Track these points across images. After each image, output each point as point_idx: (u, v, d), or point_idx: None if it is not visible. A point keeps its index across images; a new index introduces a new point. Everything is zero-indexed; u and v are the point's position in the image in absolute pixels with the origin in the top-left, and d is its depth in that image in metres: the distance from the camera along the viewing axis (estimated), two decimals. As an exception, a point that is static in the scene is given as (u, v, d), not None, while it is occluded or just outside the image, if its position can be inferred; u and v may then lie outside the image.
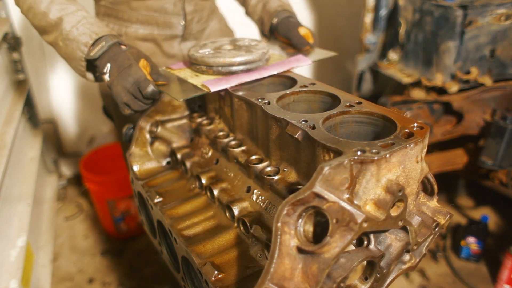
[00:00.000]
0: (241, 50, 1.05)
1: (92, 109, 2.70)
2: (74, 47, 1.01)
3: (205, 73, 1.04)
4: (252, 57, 1.01)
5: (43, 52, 2.43)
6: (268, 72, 1.02)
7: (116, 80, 0.96)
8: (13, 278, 1.44)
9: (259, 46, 1.08)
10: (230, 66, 1.00)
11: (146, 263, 2.21)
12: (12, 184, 1.79)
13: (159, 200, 0.96)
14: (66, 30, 1.01)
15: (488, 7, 1.73)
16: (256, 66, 1.03)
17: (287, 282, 0.57)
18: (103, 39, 1.00)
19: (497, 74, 1.85)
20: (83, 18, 1.03)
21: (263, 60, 1.05)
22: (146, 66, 1.01)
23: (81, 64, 1.03)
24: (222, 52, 1.05)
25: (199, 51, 1.07)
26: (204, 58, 1.02)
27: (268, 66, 1.06)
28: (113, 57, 0.98)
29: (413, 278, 2.06)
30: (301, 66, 1.08)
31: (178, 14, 1.31)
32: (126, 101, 0.96)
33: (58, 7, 1.03)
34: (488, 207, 2.48)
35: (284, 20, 1.30)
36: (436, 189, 0.76)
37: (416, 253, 0.78)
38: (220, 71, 1.01)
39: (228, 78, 0.98)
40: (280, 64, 1.06)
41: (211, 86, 0.95)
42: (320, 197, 0.58)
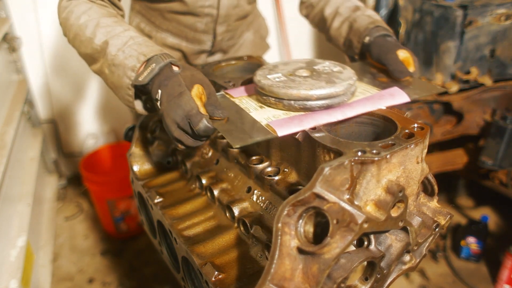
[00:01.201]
0: (320, 78, 0.82)
1: (92, 109, 2.70)
2: (121, 73, 0.86)
3: (273, 106, 0.81)
4: (334, 90, 0.77)
5: (43, 52, 2.43)
6: (354, 111, 0.78)
7: (165, 111, 0.78)
8: (13, 278, 1.44)
9: (343, 74, 0.84)
10: (306, 100, 0.77)
11: (146, 263, 2.21)
12: (12, 184, 1.79)
13: (159, 200, 0.96)
14: (112, 55, 0.87)
15: (488, 7, 1.73)
16: (339, 102, 0.79)
17: (287, 283, 0.57)
18: (153, 60, 0.83)
19: (497, 74, 1.85)
20: (130, 38, 0.88)
21: (348, 94, 0.81)
22: (201, 94, 0.79)
23: (128, 93, 0.87)
24: (297, 81, 0.81)
25: (268, 76, 0.84)
26: (273, 88, 0.79)
27: (354, 102, 0.81)
28: (164, 81, 0.80)
29: (413, 278, 2.06)
30: (396, 103, 0.82)
31: (209, 33, 1.26)
32: (177, 136, 0.78)
33: (104, 30, 0.91)
34: (488, 207, 2.48)
35: (378, 39, 1.05)
36: (437, 189, 0.76)
37: (417, 254, 0.78)
38: (292, 105, 0.78)
39: (301, 118, 0.75)
40: (369, 100, 0.81)
41: (278, 128, 0.72)
42: (320, 197, 0.58)
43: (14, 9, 2.24)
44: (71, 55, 2.47)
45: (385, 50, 1.00)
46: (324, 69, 0.87)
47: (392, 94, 0.84)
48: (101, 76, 0.93)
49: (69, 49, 0.98)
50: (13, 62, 2.24)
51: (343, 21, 1.17)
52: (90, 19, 0.93)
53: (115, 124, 2.76)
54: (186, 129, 0.76)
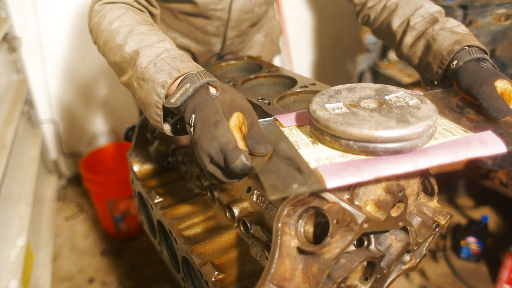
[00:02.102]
0: (391, 114, 0.65)
1: (92, 109, 2.70)
2: (150, 89, 0.75)
3: (328, 143, 0.66)
4: (407, 132, 0.61)
5: (43, 52, 2.43)
6: (429, 160, 0.59)
7: (199, 141, 0.66)
8: (13, 278, 1.43)
9: (422, 110, 0.66)
10: (368, 142, 0.61)
11: (146, 263, 2.21)
12: (12, 184, 1.79)
13: (159, 200, 0.96)
14: (142, 67, 0.76)
15: (488, 7, 1.73)
16: (411, 147, 0.62)
17: (287, 283, 0.57)
18: (188, 79, 0.71)
19: (497, 74, 1.85)
20: (165, 50, 0.78)
21: (425, 137, 0.64)
22: (241, 123, 0.66)
23: (156, 112, 0.75)
24: (360, 115, 0.65)
25: (326, 105, 0.68)
26: (329, 123, 0.63)
27: (430, 147, 0.63)
28: (198, 105, 0.68)
29: (413, 278, 2.06)
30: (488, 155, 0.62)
31: (219, 36, 1.23)
32: (211, 171, 0.66)
33: (137, 38, 0.81)
34: (488, 207, 2.48)
35: (470, 65, 0.84)
36: (436, 189, 0.76)
37: (416, 254, 0.78)
38: (350, 146, 0.63)
39: (360, 166, 0.58)
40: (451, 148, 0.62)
41: (328, 176, 0.56)
42: (320, 197, 0.58)
43: (14, 9, 2.24)
44: (71, 55, 2.48)
45: (479, 80, 0.80)
46: (398, 102, 0.70)
47: (483, 141, 0.64)
48: (130, 90, 0.83)
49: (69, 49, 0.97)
50: (13, 62, 2.24)
51: (418, 37, 0.97)
52: (123, 25, 0.85)
53: (115, 124, 2.76)
54: (221, 164, 0.64)
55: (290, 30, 2.77)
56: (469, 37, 0.90)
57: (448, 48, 0.88)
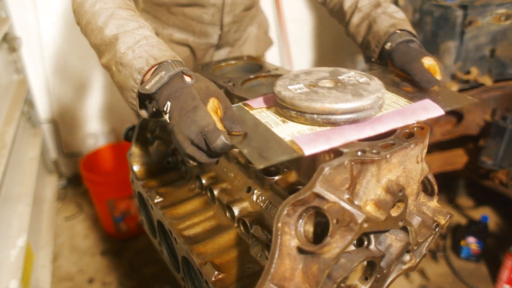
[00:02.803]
0: (346, 90, 0.75)
1: (92, 109, 2.70)
2: (127, 74, 0.79)
3: (295, 119, 0.74)
4: (361, 103, 0.71)
5: (43, 52, 2.43)
6: (384, 126, 0.71)
7: (177, 126, 0.71)
8: (13, 278, 1.44)
9: (371, 85, 0.77)
10: (330, 114, 0.71)
11: (146, 263, 2.21)
12: (12, 184, 1.79)
13: (159, 200, 0.96)
14: (120, 52, 0.80)
15: (488, 7, 1.73)
16: (366, 116, 0.72)
17: (287, 283, 0.57)
18: (163, 67, 0.76)
19: (497, 74, 1.85)
20: (143, 38, 0.81)
21: (376, 107, 0.74)
22: (217, 108, 0.73)
23: (132, 96, 0.80)
24: (320, 93, 0.74)
25: (289, 87, 0.77)
26: (294, 101, 0.73)
27: (384, 116, 0.74)
28: (174, 93, 0.73)
29: (413, 278, 2.06)
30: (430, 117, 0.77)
31: (215, 24, 1.25)
32: (190, 153, 0.71)
33: (117, 22, 0.84)
34: (488, 207, 2.48)
35: (401, 46, 0.97)
36: (436, 189, 0.76)
37: (416, 253, 0.78)
38: (316, 120, 0.72)
39: (328, 134, 0.68)
40: (400, 114, 0.75)
41: (304, 146, 0.65)
42: (320, 197, 0.58)
43: (14, 9, 2.24)
44: (71, 55, 2.48)
45: (409, 58, 0.92)
46: (350, 80, 0.80)
47: (425, 108, 0.77)
48: (108, 72, 0.88)
49: (69, 49, 0.97)
50: (13, 62, 2.24)
51: (363, 18, 1.09)
52: (105, 7, 0.88)
53: (115, 124, 2.76)
54: (201, 146, 0.70)
55: (290, 30, 2.77)
56: (403, 22, 1.03)
57: (384, 30, 1.01)
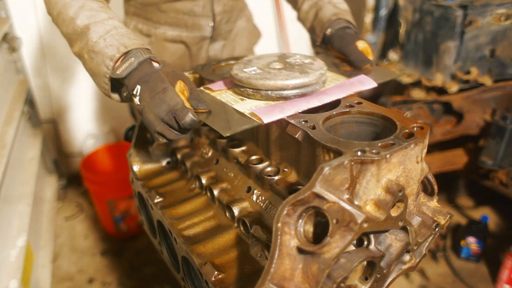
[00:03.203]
0: (294, 70, 0.88)
1: (92, 109, 2.70)
2: (99, 61, 0.86)
3: (251, 97, 0.86)
4: (308, 79, 0.84)
5: (43, 52, 2.43)
6: (328, 97, 0.85)
7: (148, 107, 0.79)
8: (13, 278, 1.44)
9: (315, 65, 0.91)
10: (282, 90, 0.83)
11: (146, 263, 2.21)
12: (12, 184, 1.79)
13: (159, 200, 0.96)
14: (92, 41, 0.87)
15: (488, 7, 1.73)
16: (313, 90, 0.86)
17: (287, 283, 0.57)
18: (132, 53, 0.84)
19: (497, 74, 1.85)
20: (113, 27, 0.89)
21: (320, 82, 0.88)
22: (183, 89, 0.83)
23: (105, 81, 0.87)
24: (272, 73, 0.87)
25: (244, 69, 0.89)
26: (250, 80, 0.84)
27: (327, 89, 0.89)
28: (144, 77, 0.82)
29: (413, 278, 2.06)
30: (365, 89, 0.92)
31: (207, 15, 1.27)
32: (160, 130, 0.80)
33: (88, 13, 0.91)
34: (488, 207, 2.48)
35: (339, 31, 1.12)
36: (436, 189, 0.76)
37: (416, 253, 0.78)
38: (269, 95, 0.84)
39: (282, 106, 0.81)
40: (340, 88, 0.89)
41: (263, 116, 0.77)
42: (320, 197, 0.58)
43: (14, 9, 2.24)
44: (71, 55, 2.47)
45: (346, 41, 1.08)
46: (296, 62, 0.94)
47: (361, 81, 0.93)
48: (80, 60, 0.93)
49: (69, 49, 0.98)
50: (13, 62, 2.24)
51: (311, 6, 1.24)
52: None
53: (115, 124, 2.76)
54: (172, 123, 0.79)
55: (290, 30, 2.77)
56: (345, 12, 1.18)
57: (327, 17, 1.16)
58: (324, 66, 0.91)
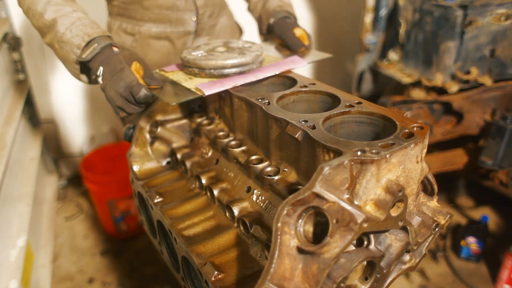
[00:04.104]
0: (234, 52, 1.04)
1: (92, 109, 2.70)
2: (68, 50, 1.00)
3: (198, 75, 1.02)
4: (245, 59, 1.00)
5: (43, 52, 2.43)
6: (262, 74, 1.01)
7: (109, 84, 0.95)
8: (13, 278, 1.43)
9: (252, 48, 1.07)
10: (222, 68, 0.99)
11: (146, 263, 2.21)
12: (12, 184, 1.79)
13: (159, 200, 0.96)
14: (60, 32, 1.00)
15: (488, 7, 1.73)
16: (249, 69, 1.02)
17: (287, 282, 0.57)
18: (96, 40, 0.99)
19: (497, 74, 1.85)
20: (77, 19, 1.02)
21: (257, 62, 1.03)
22: (139, 69, 0.98)
23: (75, 67, 1.02)
24: (215, 55, 1.03)
25: (192, 53, 1.05)
26: (196, 61, 1.01)
27: (262, 68, 1.04)
28: (105, 60, 0.97)
29: (413, 278, 2.06)
30: (296, 67, 1.06)
31: (190, 9, 1.32)
32: (119, 105, 0.95)
33: (54, 8, 1.03)
34: (488, 207, 2.48)
35: (280, 20, 1.28)
36: (436, 189, 0.76)
37: (416, 253, 0.78)
38: (212, 73, 1.00)
39: (222, 81, 0.97)
40: (274, 66, 1.05)
41: (205, 89, 0.93)
42: (320, 197, 0.58)
43: (14, 9, 2.24)
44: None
45: (285, 29, 1.24)
46: (238, 46, 1.09)
47: (292, 61, 1.08)
48: (52, 49, 1.06)
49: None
50: (14, 62, 2.24)
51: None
52: None
53: (115, 124, 2.76)
54: (129, 98, 0.94)
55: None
56: (287, 5, 1.35)
57: (272, 8, 1.32)
58: (261, 49, 1.07)
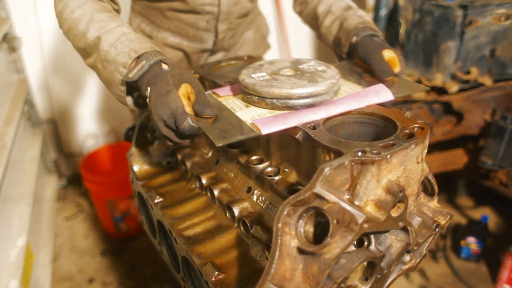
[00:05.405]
0: (303, 77, 0.83)
1: (92, 109, 2.70)
2: (113, 69, 0.87)
3: (257, 104, 0.83)
4: (316, 88, 0.78)
5: (43, 52, 2.43)
6: (337, 109, 0.79)
7: (153, 108, 0.80)
8: (13, 278, 1.43)
9: (327, 73, 0.85)
10: (288, 99, 0.79)
11: (146, 263, 2.21)
12: (12, 184, 1.79)
13: (159, 200, 0.96)
14: (104, 51, 0.88)
15: (488, 7, 1.73)
16: (321, 101, 0.80)
17: (287, 283, 0.57)
18: (143, 57, 0.85)
19: (497, 74, 1.85)
20: (122, 34, 0.89)
21: (331, 92, 0.82)
22: (189, 93, 0.81)
23: (120, 89, 0.89)
24: (280, 80, 0.82)
25: (252, 75, 0.85)
26: (256, 87, 0.81)
27: (338, 100, 0.81)
28: (153, 79, 0.82)
29: (413, 278, 2.06)
30: (380, 101, 0.82)
31: (210, 31, 1.25)
32: (164, 133, 0.80)
33: (97, 25, 0.92)
34: (488, 207, 2.48)
35: (365, 39, 1.05)
36: (437, 189, 0.76)
37: (417, 254, 0.78)
38: (275, 104, 0.80)
39: (285, 116, 0.76)
40: (353, 98, 0.81)
41: (262, 126, 0.74)
42: (320, 197, 0.58)
43: (14, 9, 2.24)
44: (71, 55, 2.47)
45: (371, 50, 1.00)
46: (308, 68, 0.88)
47: (376, 92, 0.84)
48: (95, 70, 0.95)
49: (69, 49, 0.99)
50: (13, 62, 2.24)
51: (334, 19, 1.17)
52: (84, 13, 0.94)
53: (115, 124, 2.76)
54: (172, 127, 0.78)
55: (290, 30, 2.77)
56: (370, 22, 1.11)
57: (354, 25, 1.09)
58: (337, 74, 0.84)
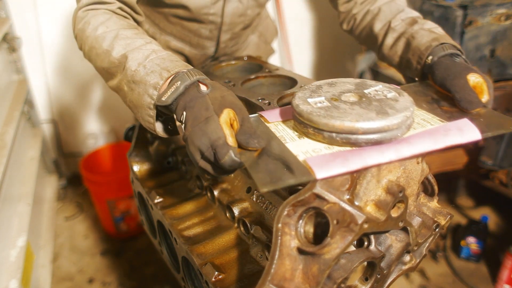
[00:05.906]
0: (370, 107, 0.67)
1: (92, 109, 2.70)
2: (141, 91, 0.75)
3: (312, 136, 0.67)
4: (386, 123, 0.63)
5: (43, 52, 2.43)
6: (410, 149, 0.62)
7: (190, 137, 0.67)
8: (13, 278, 1.43)
9: (399, 102, 0.68)
10: (350, 134, 0.63)
11: (146, 263, 2.21)
12: (12, 184, 1.79)
13: (159, 200, 0.96)
14: (131, 70, 0.77)
15: (488, 7, 1.73)
16: (391, 137, 0.64)
17: (287, 283, 0.57)
18: (178, 77, 0.72)
19: (497, 74, 1.85)
20: (152, 52, 0.78)
21: (403, 127, 0.66)
22: (232, 120, 0.67)
23: (149, 114, 0.76)
24: (341, 108, 0.67)
25: (309, 100, 0.71)
26: (312, 116, 0.65)
27: (411, 137, 0.65)
28: (190, 103, 0.69)
29: (413, 278, 2.06)
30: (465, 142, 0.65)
31: (212, 39, 1.23)
32: (202, 166, 0.67)
33: (123, 42, 0.81)
34: (488, 207, 2.48)
35: (444, 59, 0.87)
36: (437, 190, 0.76)
37: (417, 254, 0.78)
38: (333, 138, 0.64)
39: (347, 156, 0.60)
40: (430, 136, 0.64)
41: (317, 167, 0.57)
42: (320, 198, 0.58)
43: (14, 9, 2.24)
44: (71, 55, 2.47)
45: (453, 74, 0.82)
46: (376, 94, 0.72)
47: (460, 129, 0.66)
48: (119, 93, 0.83)
49: (69, 49, 0.97)
50: (13, 62, 2.24)
51: (398, 37, 1.00)
52: (108, 30, 0.84)
53: (115, 124, 2.76)
54: (211, 159, 0.65)
55: (290, 30, 2.77)
56: (445, 36, 0.94)
57: (426, 44, 0.92)
58: (412, 105, 0.68)
